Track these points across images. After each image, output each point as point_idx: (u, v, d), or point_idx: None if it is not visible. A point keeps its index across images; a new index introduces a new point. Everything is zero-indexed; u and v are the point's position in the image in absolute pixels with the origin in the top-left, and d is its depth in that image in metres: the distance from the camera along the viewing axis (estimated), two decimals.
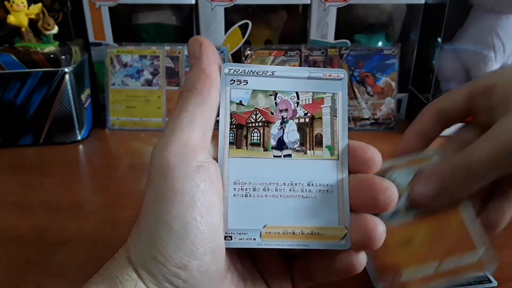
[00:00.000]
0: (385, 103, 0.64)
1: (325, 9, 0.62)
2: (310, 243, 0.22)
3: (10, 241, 0.38)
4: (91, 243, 0.38)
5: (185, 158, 0.21)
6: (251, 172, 0.23)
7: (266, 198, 0.22)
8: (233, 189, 0.22)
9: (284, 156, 0.23)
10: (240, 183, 0.23)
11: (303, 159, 0.23)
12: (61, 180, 0.49)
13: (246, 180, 0.23)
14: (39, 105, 0.57)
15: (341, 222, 0.23)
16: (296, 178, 0.23)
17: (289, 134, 0.23)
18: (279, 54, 0.63)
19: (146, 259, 0.20)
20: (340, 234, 0.22)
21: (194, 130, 0.21)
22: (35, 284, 0.33)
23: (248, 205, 0.22)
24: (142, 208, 0.21)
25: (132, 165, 0.53)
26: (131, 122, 0.64)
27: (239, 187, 0.23)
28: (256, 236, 0.22)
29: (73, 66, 0.57)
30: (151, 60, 0.63)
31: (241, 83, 0.24)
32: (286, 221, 0.22)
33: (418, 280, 0.26)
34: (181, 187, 0.20)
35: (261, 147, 0.23)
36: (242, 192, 0.23)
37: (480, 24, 0.60)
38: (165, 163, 0.21)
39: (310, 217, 0.23)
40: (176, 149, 0.21)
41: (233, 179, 0.23)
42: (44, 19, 0.56)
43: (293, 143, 0.23)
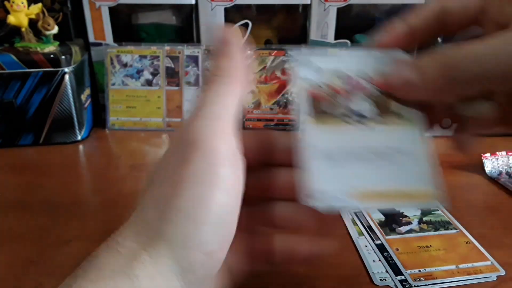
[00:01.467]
0: None
1: (325, 9, 0.62)
2: (402, 203, 0.23)
3: (10, 241, 0.38)
4: (91, 243, 0.38)
5: (227, 143, 0.21)
6: (332, 139, 0.24)
7: (350, 162, 0.23)
8: (316, 154, 0.23)
9: (362, 124, 0.24)
10: (322, 148, 0.23)
11: (381, 127, 0.24)
12: (61, 180, 0.49)
13: (328, 146, 0.23)
14: (39, 105, 0.57)
15: (427, 184, 0.23)
16: (377, 143, 0.24)
17: (363, 106, 0.25)
18: (279, 54, 0.63)
19: (172, 239, 0.19)
20: (428, 195, 0.23)
21: (230, 115, 0.22)
22: (35, 284, 0.33)
23: (332, 169, 0.23)
24: (166, 183, 0.21)
25: (132, 165, 0.53)
26: (131, 122, 0.64)
27: (321, 152, 0.23)
28: (343, 197, 0.22)
29: (73, 66, 0.57)
30: (151, 60, 0.63)
31: (311, 64, 0.25)
32: (374, 184, 0.23)
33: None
34: (225, 175, 0.20)
35: (338, 118, 0.24)
36: (326, 156, 0.23)
37: None
38: (209, 146, 0.20)
39: (397, 178, 0.23)
40: (215, 130, 0.21)
41: (315, 145, 0.23)
42: (44, 19, 0.56)
43: (369, 114, 0.25)
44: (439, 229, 0.39)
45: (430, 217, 0.40)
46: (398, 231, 0.38)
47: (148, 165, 0.53)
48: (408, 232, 0.38)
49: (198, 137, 0.21)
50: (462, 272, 0.33)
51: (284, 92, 0.63)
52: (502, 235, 0.38)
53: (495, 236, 0.38)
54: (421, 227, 0.39)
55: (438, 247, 0.36)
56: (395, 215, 0.40)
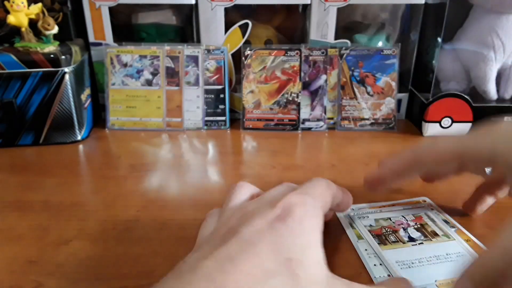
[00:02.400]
0: (385, 103, 0.64)
1: (325, 9, 0.62)
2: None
3: (10, 241, 0.38)
4: (91, 243, 0.38)
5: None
6: (402, 255, 0.35)
7: (423, 266, 0.34)
8: (398, 265, 0.33)
9: (418, 243, 0.36)
10: (400, 261, 0.34)
11: (431, 243, 0.36)
12: (61, 180, 0.49)
13: (403, 259, 0.34)
14: (39, 105, 0.57)
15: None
16: (433, 252, 0.35)
17: (413, 233, 0.37)
18: (279, 54, 0.63)
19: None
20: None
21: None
22: (35, 284, 0.33)
23: (414, 272, 0.33)
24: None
25: (132, 165, 0.53)
26: (131, 122, 0.64)
27: (401, 264, 0.34)
28: (433, 286, 0.32)
29: (73, 66, 0.57)
30: (151, 60, 0.63)
31: (365, 217, 0.40)
32: (442, 275, 0.33)
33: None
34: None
35: (400, 242, 0.36)
36: (405, 266, 0.33)
37: (480, 24, 0.60)
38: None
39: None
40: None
41: (394, 260, 0.34)
42: (44, 19, 0.56)
43: (419, 237, 0.37)
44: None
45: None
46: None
47: (148, 165, 0.53)
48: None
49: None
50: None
51: (284, 92, 0.63)
52: None
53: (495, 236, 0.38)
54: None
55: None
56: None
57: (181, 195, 0.47)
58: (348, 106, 0.64)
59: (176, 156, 0.56)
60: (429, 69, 0.64)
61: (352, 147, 0.59)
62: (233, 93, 0.66)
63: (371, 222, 0.39)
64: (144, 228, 0.40)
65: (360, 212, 0.41)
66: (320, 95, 0.64)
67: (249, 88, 0.64)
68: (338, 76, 0.64)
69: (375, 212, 0.41)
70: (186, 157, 0.56)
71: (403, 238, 0.37)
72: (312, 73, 0.63)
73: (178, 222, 0.41)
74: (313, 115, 0.64)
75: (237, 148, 0.60)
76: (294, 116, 0.63)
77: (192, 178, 0.51)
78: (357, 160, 0.54)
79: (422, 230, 0.38)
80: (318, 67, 0.63)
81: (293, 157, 0.56)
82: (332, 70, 0.64)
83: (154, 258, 0.36)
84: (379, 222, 0.39)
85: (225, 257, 0.23)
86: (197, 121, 0.64)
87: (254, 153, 0.58)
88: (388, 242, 0.36)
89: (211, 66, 0.63)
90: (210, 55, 0.63)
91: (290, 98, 0.63)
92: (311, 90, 0.64)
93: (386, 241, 0.36)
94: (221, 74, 0.64)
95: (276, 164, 0.53)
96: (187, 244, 0.38)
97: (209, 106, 0.64)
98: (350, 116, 0.64)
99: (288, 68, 0.63)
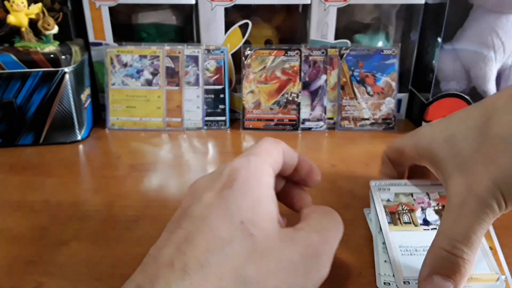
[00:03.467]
0: (385, 103, 0.64)
1: (325, 9, 0.62)
2: (470, 286, 0.30)
3: (10, 241, 0.38)
4: (91, 243, 0.38)
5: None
6: (409, 240, 0.33)
7: (418, 255, 0.32)
8: (400, 251, 0.33)
9: (431, 229, 0.34)
10: (403, 246, 0.33)
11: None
12: (61, 180, 0.49)
13: (408, 245, 0.33)
14: (39, 105, 0.57)
15: (492, 269, 0.31)
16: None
17: (430, 216, 0.35)
18: (279, 54, 0.63)
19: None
20: (493, 278, 0.30)
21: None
22: (35, 284, 0.33)
23: (413, 261, 0.31)
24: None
25: (132, 165, 0.53)
26: (131, 122, 0.64)
27: (404, 249, 0.33)
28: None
29: (73, 66, 0.57)
30: (151, 60, 0.63)
31: (385, 189, 0.37)
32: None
33: None
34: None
35: (412, 224, 0.35)
36: (407, 252, 0.32)
37: (480, 24, 0.60)
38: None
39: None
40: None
41: (398, 244, 0.33)
42: (44, 19, 0.56)
43: (435, 221, 0.34)
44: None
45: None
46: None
47: (148, 165, 0.53)
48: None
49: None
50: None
51: (284, 92, 0.63)
52: (502, 235, 0.38)
53: None
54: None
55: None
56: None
57: (181, 195, 0.46)
58: (348, 106, 0.64)
59: (176, 156, 0.56)
60: (429, 69, 0.64)
61: (352, 147, 0.59)
62: (233, 93, 0.66)
63: (390, 196, 0.36)
64: (144, 228, 0.40)
65: (383, 183, 0.37)
66: (320, 95, 0.64)
67: (249, 88, 0.64)
68: (338, 76, 0.64)
69: (398, 185, 0.37)
70: (186, 157, 0.56)
71: (417, 220, 0.35)
72: (312, 73, 0.63)
73: None
74: (313, 115, 0.64)
75: (237, 148, 0.60)
76: (294, 116, 0.63)
77: (192, 178, 0.50)
78: (357, 160, 0.54)
79: (441, 214, 0.35)
80: (318, 67, 0.63)
81: None
82: (332, 70, 0.64)
83: None
84: (398, 197, 0.36)
85: (181, 240, 0.24)
86: (197, 121, 0.64)
87: None
88: (400, 223, 0.34)
89: (211, 66, 0.63)
90: (210, 55, 0.63)
91: (290, 98, 0.63)
92: (311, 90, 0.64)
93: (398, 221, 0.34)
94: (221, 74, 0.63)
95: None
96: None
97: (209, 106, 0.64)
98: (350, 116, 0.64)
99: (288, 68, 0.63)
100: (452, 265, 0.26)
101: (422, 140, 0.33)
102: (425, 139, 0.32)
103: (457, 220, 0.27)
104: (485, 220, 0.26)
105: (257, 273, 0.23)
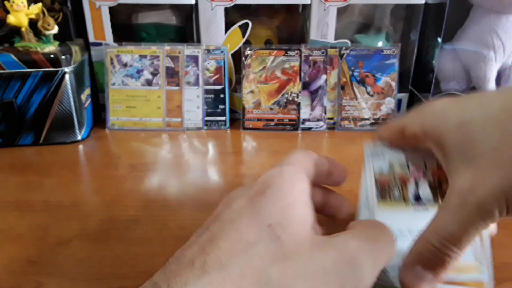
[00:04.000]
0: (385, 103, 0.64)
1: (325, 9, 0.62)
2: (451, 276, 0.27)
3: (10, 241, 0.38)
4: (91, 243, 0.38)
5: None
6: (396, 219, 0.29)
7: (410, 239, 0.27)
8: None
9: (422, 210, 0.29)
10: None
11: (434, 209, 0.29)
12: (61, 180, 0.49)
13: (393, 225, 0.27)
14: (39, 105, 0.57)
15: (476, 261, 0.28)
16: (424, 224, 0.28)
17: (423, 191, 0.30)
18: (279, 54, 0.63)
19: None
20: (477, 271, 0.28)
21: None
22: (35, 284, 0.33)
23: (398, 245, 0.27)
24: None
25: (132, 165, 0.53)
26: (131, 122, 0.64)
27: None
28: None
29: (73, 66, 0.57)
30: (151, 60, 0.63)
31: (380, 156, 0.32)
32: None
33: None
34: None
35: (402, 201, 0.30)
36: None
37: (480, 24, 0.60)
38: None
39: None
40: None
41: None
42: (44, 19, 0.56)
43: (427, 199, 0.30)
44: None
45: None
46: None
47: (148, 165, 0.53)
48: None
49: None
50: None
51: (284, 92, 0.63)
52: (502, 235, 0.38)
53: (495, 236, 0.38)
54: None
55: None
56: None
57: (181, 195, 0.47)
58: (348, 106, 0.64)
59: (176, 156, 0.56)
60: (429, 69, 0.64)
61: (352, 147, 0.59)
62: (233, 93, 0.66)
63: (383, 165, 0.32)
64: (144, 228, 0.40)
65: (379, 148, 0.33)
66: (320, 95, 0.64)
67: (249, 88, 0.64)
68: (338, 76, 0.64)
69: (396, 153, 0.32)
70: (186, 157, 0.56)
71: (409, 195, 0.30)
72: (312, 73, 0.63)
73: (178, 222, 0.41)
74: (313, 115, 0.64)
75: (237, 148, 0.60)
76: (294, 116, 0.63)
77: (192, 178, 0.51)
78: (357, 160, 0.54)
79: (436, 190, 0.30)
80: (318, 67, 0.63)
81: None
82: (332, 70, 0.64)
83: (154, 258, 0.36)
84: (392, 168, 0.32)
85: (206, 241, 0.23)
86: (197, 121, 0.64)
87: (254, 153, 0.58)
88: (389, 198, 0.30)
89: (211, 66, 0.63)
90: (210, 55, 0.63)
91: (290, 98, 0.63)
92: (311, 90, 0.64)
93: (387, 196, 0.30)
94: (221, 74, 0.64)
95: (276, 164, 0.53)
96: None
97: (209, 106, 0.64)
98: (350, 116, 0.64)
99: (288, 68, 0.63)
100: (437, 260, 0.25)
101: (430, 120, 0.29)
102: (434, 119, 0.28)
103: (452, 220, 0.25)
104: (481, 226, 0.25)
105: (282, 276, 0.22)
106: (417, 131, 0.29)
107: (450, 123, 0.27)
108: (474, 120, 0.26)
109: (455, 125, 0.27)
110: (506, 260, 0.34)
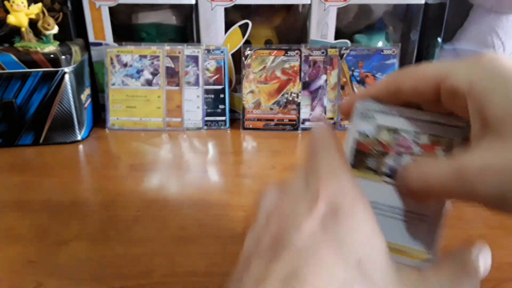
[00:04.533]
0: None
1: (325, 9, 0.62)
2: (396, 257, 0.25)
3: (10, 241, 0.38)
4: (91, 243, 0.38)
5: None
6: (363, 190, 0.25)
7: (380, 215, 0.26)
8: None
9: (391, 183, 0.26)
10: None
11: None
12: (61, 180, 0.49)
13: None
14: (39, 105, 0.57)
15: (426, 248, 0.26)
16: (397, 203, 0.26)
17: (400, 165, 0.26)
18: (279, 54, 0.63)
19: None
20: (423, 257, 0.26)
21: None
22: (35, 284, 0.33)
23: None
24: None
25: (132, 165, 0.53)
26: (131, 122, 0.64)
27: None
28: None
29: (73, 66, 0.57)
30: (151, 60, 0.63)
31: (369, 118, 0.28)
32: (399, 238, 0.26)
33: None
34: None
35: (374, 172, 0.27)
36: None
37: (480, 24, 0.60)
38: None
39: (401, 237, 0.26)
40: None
41: None
42: (44, 19, 0.56)
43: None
44: None
45: None
46: None
47: (148, 165, 0.53)
48: None
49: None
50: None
51: (284, 92, 0.63)
52: (502, 235, 0.38)
53: (495, 236, 0.38)
54: None
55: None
56: None
57: (181, 195, 0.47)
58: None
59: (176, 156, 0.56)
60: None
61: None
62: (233, 93, 0.66)
63: (370, 128, 0.28)
64: (144, 228, 0.40)
65: (372, 107, 0.28)
66: (320, 95, 0.64)
67: (249, 88, 0.64)
68: (338, 76, 0.64)
69: (388, 114, 0.28)
70: (186, 157, 0.56)
71: (383, 166, 0.27)
72: (312, 73, 0.63)
73: (178, 222, 0.41)
74: (313, 115, 0.64)
75: (237, 148, 0.60)
76: (294, 116, 0.63)
77: (192, 178, 0.51)
78: None
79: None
80: (318, 67, 0.63)
81: (293, 157, 0.56)
82: (332, 70, 0.64)
83: (154, 258, 0.36)
84: (379, 134, 0.28)
85: (287, 274, 0.20)
86: (197, 121, 0.64)
87: (254, 153, 0.58)
88: (363, 167, 0.27)
89: (211, 66, 0.63)
90: (210, 55, 0.63)
91: (290, 98, 0.63)
92: (311, 90, 0.64)
93: (362, 164, 0.27)
94: (221, 74, 0.64)
95: (276, 164, 0.53)
96: (187, 244, 0.38)
97: (209, 106, 0.64)
98: None
99: (288, 68, 0.63)
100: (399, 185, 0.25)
101: (487, 79, 0.22)
102: (494, 80, 0.22)
103: (453, 182, 0.23)
104: (469, 201, 0.23)
105: None
106: (463, 86, 0.23)
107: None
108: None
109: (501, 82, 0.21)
110: (506, 260, 0.34)
